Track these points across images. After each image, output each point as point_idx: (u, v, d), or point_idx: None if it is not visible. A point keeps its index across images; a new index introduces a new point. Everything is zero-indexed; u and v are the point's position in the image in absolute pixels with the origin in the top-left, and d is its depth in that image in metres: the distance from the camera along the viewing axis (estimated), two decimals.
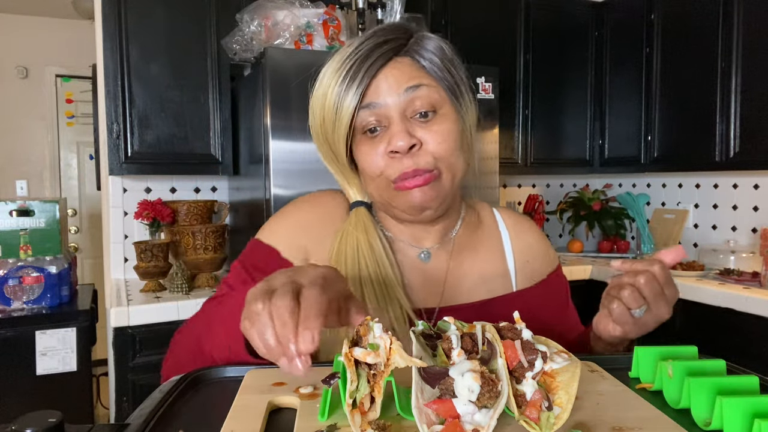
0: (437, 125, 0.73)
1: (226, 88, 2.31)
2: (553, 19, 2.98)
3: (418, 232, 0.83)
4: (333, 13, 2.10)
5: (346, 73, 0.71)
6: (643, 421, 0.48)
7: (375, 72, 0.71)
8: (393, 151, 0.71)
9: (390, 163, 0.73)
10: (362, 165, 0.76)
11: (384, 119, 0.72)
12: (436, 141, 0.72)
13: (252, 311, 0.49)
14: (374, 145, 0.73)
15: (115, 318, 1.91)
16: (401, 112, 0.72)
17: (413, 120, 0.73)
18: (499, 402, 0.45)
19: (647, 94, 2.79)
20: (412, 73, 0.73)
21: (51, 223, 1.98)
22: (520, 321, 0.56)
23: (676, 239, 2.86)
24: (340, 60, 0.72)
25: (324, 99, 0.73)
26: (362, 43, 0.72)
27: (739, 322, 2.07)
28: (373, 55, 0.71)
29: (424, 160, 0.72)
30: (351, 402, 0.45)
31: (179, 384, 0.57)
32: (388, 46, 0.72)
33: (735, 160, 2.40)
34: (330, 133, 0.74)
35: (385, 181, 0.74)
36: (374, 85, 0.72)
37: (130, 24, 2.15)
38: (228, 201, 2.61)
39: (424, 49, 0.74)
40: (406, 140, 0.70)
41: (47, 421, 0.42)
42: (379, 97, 0.72)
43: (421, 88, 0.72)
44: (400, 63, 0.73)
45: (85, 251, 4.35)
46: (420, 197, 0.73)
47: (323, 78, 0.74)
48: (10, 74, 4.09)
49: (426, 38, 0.75)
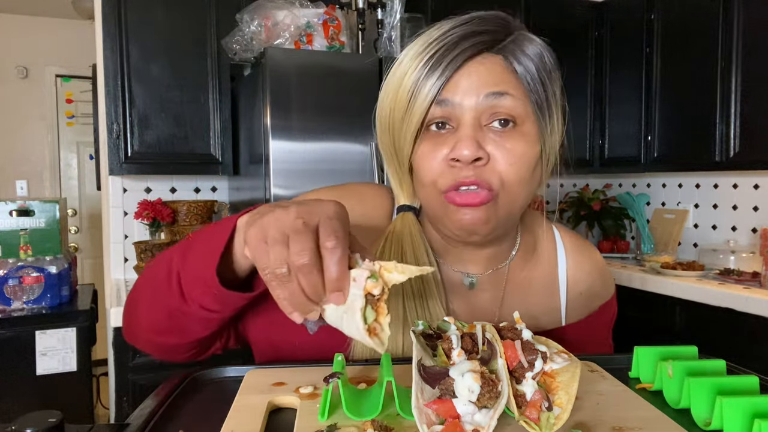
0: (512, 142, 0.62)
1: (226, 88, 2.31)
2: (553, 19, 2.97)
3: (465, 254, 0.73)
4: (333, 13, 2.10)
5: (428, 59, 0.61)
6: (643, 421, 0.48)
7: (460, 64, 0.61)
8: (455, 159, 0.62)
9: (447, 171, 0.63)
10: (417, 165, 0.66)
11: (454, 120, 0.63)
12: (506, 161, 0.62)
13: (274, 266, 0.47)
14: (436, 147, 0.63)
15: (115, 318, 1.91)
16: (476, 117, 0.62)
17: (486, 129, 0.63)
18: (500, 402, 0.45)
19: (647, 94, 2.79)
20: (501, 76, 0.63)
21: (51, 223, 1.98)
22: (520, 321, 0.56)
23: (676, 239, 2.86)
24: (424, 43, 0.63)
25: (399, 85, 0.63)
26: (453, 28, 0.62)
27: (739, 322, 2.07)
28: (462, 45, 0.61)
29: (488, 178, 0.62)
30: (366, 328, 0.47)
31: (179, 384, 0.57)
32: (480, 38, 0.62)
33: (735, 160, 2.40)
34: (398, 124, 0.65)
35: (436, 191, 0.64)
36: (454, 79, 0.62)
37: (130, 24, 2.16)
38: (228, 201, 2.61)
39: (521, 51, 0.64)
40: (473, 150, 0.60)
41: (47, 421, 0.42)
42: (456, 95, 0.62)
43: (505, 96, 0.62)
44: (489, 61, 0.63)
45: (85, 251, 4.35)
46: (469, 219, 0.63)
47: (403, 60, 0.64)
48: (10, 74, 4.10)
49: (528, 39, 0.65)
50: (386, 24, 2.12)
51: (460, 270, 0.74)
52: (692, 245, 2.93)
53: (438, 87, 0.61)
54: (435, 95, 0.62)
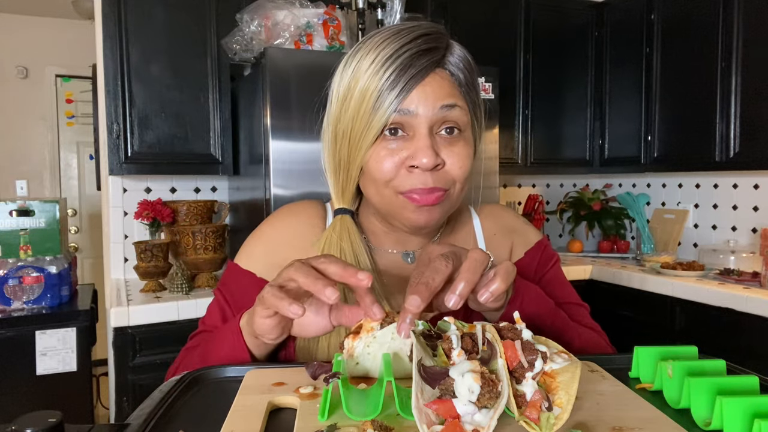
0: (458, 147, 0.72)
1: (226, 88, 2.31)
2: (553, 19, 2.98)
3: (403, 237, 0.82)
4: (333, 13, 2.11)
5: (386, 78, 0.69)
6: (643, 421, 0.48)
7: (415, 85, 0.69)
8: (413, 166, 0.70)
9: (405, 176, 0.71)
10: (372, 168, 0.72)
11: (410, 128, 0.70)
12: (457, 165, 0.71)
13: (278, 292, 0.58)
14: (393, 152, 0.70)
15: (115, 318, 1.91)
16: (430, 126, 0.70)
17: (438, 136, 0.71)
18: (500, 402, 0.45)
19: (647, 94, 2.79)
20: (449, 90, 0.71)
21: (51, 223, 1.98)
22: (520, 321, 0.56)
23: (676, 239, 2.86)
24: (380, 62, 0.69)
25: (361, 100, 0.70)
26: (403, 46, 0.69)
27: (739, 322, 2.07)
28: (416, 65, 0.69)
29: (443, 181, 0.71)
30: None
31: (179, 384, 0.57)
32: (430, 57, 0.70)
33: (735, 160, 2.40)
34: (358, 132, 0.71)
35: (391, 191, 0.72)
36: (412, 93, 0.69)
37: (130, 24, 2.16)
38: (228, 201, 2.61)
39: (456, 61, 0.73)
40: (432, 159, 0.68)
41: (47, 421, 0.42)
42: (411, 105, 0.69)
43: (455, 108, 0.71)
44: (439, 75, 0.71)
45: (85, 251, 4.35)
46: (426, 218, 0.72)
47: (359, 78, 0.71)
48: (10, 74, 4.10)
49: (456, 47, 0.74)
50: (386, 24, 2.12)
51: (399, 250, 0.83)
52: (692, 245, 2.93)
53: (399, 101, 0.69)
54: (396, 107, 0.69)
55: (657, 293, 2.40)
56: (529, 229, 0.92)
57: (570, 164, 3.12)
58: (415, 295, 0.54)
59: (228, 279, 0.85)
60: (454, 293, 0.55)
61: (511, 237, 0.89)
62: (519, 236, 0.90)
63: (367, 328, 0.56)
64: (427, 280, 0.56)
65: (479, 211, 0.91)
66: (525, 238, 0.90)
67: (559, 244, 3.42)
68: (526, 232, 0.91)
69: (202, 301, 2.03)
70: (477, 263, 0.58)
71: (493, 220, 0.89)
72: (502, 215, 0.91)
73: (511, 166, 2.91)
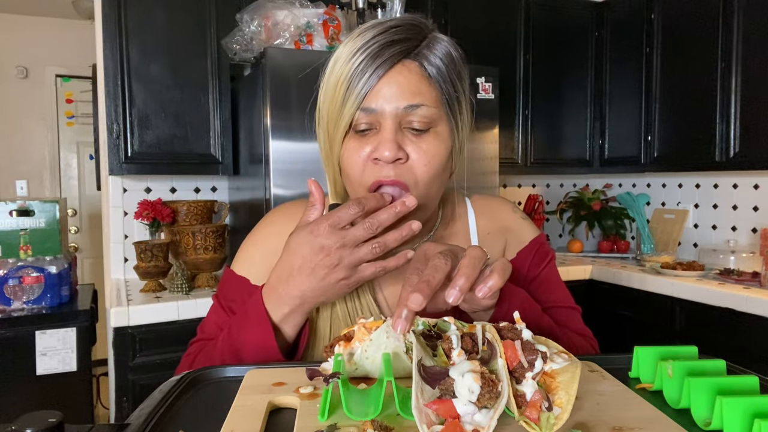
0: (427, 144, 0.71)
1: (226, 88, 2.31)
2: (553, 19, 2.98)
3: None
4: (333, 13, 2.10)
5: (355, 69, 0.69)
6: (643, 421, 0.48)
7: (382, 73, 0.69)
8: (377, 159, 0.70)
9: (370, 169, 0.71)
10: (344, 163, 0.74)
11: (377, 124, 0.71)
12: (422, 161, 0.71)
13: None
14: (360, 146, 0.71)
15: (115, 318, 1.91)
16: (396, 122, 0.70)
17: (405, 131, 0.71)
18: (500, 402, 0.45)
19: (647, 94, 2.79)
20: (417, 86, 0.70)
21: (51, 223, 1.98)
22: (520, 321, 0.56)
23: (676, 239, 2.86)
24: (350, 52, 0.70)
25: (333, 91, 0.71)
26: (374, 37, 0.69)
27: (739, 322, 2.07)
28: (383, 54, 0.69)
29: (405, 175, 0.71)
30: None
31: (179, 384, 0.57)
32: (399, 47, 0.69)
33: (735, 160, 2.40)
34: (332, 125, 0.73)
35: (361, 188, 0.73)
36: (377, 87, 0.69)
37: (130, 24, 2.16)
38: (228, 201, 2.61)
39: (433, 54, 0.71)
40: (393, 152, 0.69)
41: (47, 421, 0.42)
42: (377, 102, 0.70)
43: (421, 107, 0.70)
44: (407, 68, 0.70)
45: (85, 251, 4.35)
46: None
47: (334, 67, 0.72)
48: (10, 74, 4.10)
49: (438, 41, 0.72)
50: None
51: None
52: (692, 245, 2.93)
53: (364, 94, 0.69)
54: (361, 102, 0.69)
55: (657, 293, 2.40)
56: (525, 226, 0.90)
57: (570, 164, 3.12)
58: (417, 293, 0.53)
59: (224, 286, 0.85)
60: (454, 288, 0.55)
61: (505, 236, 0.88)
62: (513, 235, 0.88)
63: (361, 338, 0.56)
64: (428, 278, 0.55)
65: (475, 206, 0.89)
66: (519, 237, 0.89)
67: (559, 244, 3.42)
68: (522, 229, 0.89)
69: (201, 301, 2.03)
70: (476, 260, 0.58)
71: (489, 218, 0.88)
72: (498, 211, 0.90)
73: (511, 166, 2.91)
